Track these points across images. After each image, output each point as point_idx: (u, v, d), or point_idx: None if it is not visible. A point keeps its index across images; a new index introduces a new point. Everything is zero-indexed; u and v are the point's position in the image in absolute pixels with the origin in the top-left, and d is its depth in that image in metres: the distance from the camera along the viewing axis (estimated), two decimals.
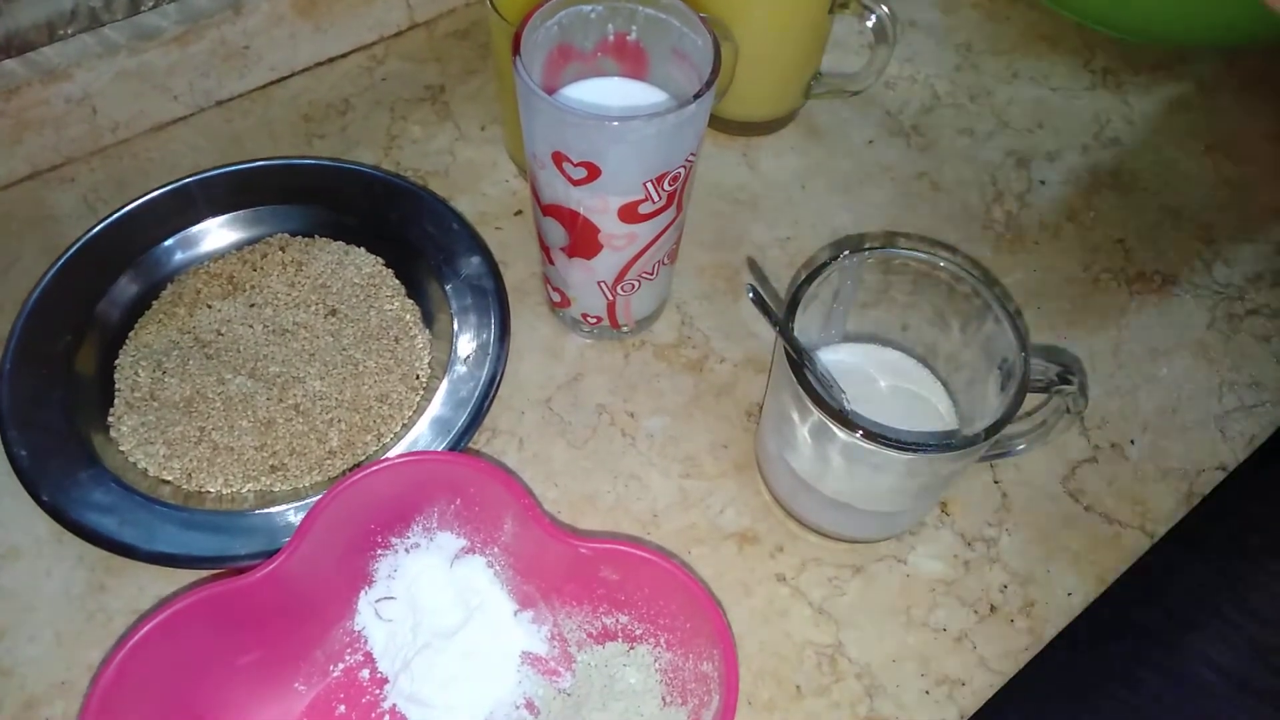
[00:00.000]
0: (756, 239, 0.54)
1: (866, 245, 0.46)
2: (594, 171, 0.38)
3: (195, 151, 0.57)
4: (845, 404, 0.39)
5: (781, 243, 0.54)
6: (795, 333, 0.37)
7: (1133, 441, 0.47)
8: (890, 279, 0.41)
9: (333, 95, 0.60)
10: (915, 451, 0.35)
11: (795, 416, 0.38)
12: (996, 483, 0.46)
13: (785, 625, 0.42)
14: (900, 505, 0.40)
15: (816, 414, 0.35)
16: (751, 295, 0.37)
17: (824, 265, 0.39)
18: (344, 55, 0.62)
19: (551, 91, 0.42)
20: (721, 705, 0.34)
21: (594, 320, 0.48)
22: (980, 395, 0.40)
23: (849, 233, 0.55)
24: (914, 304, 0.41)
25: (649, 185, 0.39)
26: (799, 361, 0.36)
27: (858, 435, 0.35)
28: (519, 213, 0.54)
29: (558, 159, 0.38)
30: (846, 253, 0.39)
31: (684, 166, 0.39)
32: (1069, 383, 0.37)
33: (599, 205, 0.40)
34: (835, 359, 0.43)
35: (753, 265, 0.53)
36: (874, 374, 0.43)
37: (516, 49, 0.37)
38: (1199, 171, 0.59)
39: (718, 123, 0.58)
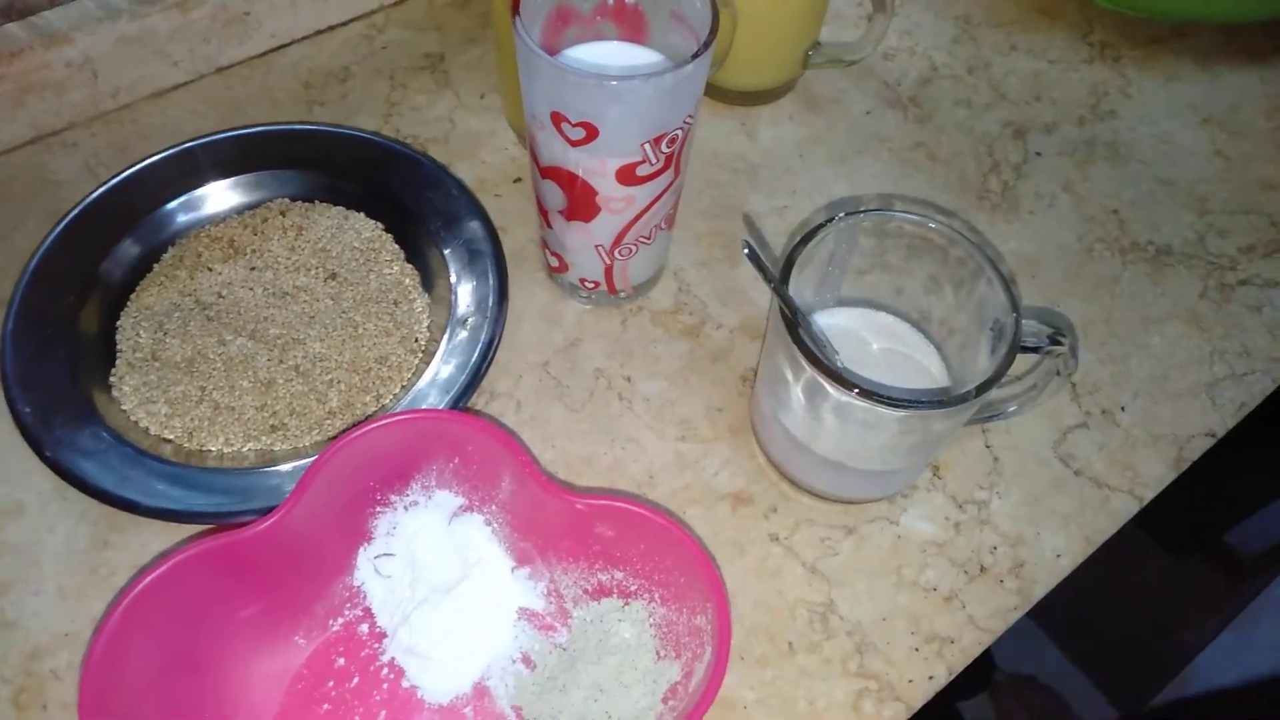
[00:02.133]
0: (754, 208, 0.54)
1: (862, 208, 0.47)
2: (592, 132, 0.38)
3: (196, 118, 0.57)
4: (839, 364, 0.39)
5: (779, 211, 0.54)
6: (790, 294, 0.37)
7: (1123, 408, 0.48)
8: (885, 243, 0.41)
9: (333, 63, 0.60)
10: (908, 408, 0.35)
11: (789, 376, 0.38)
12: (988, 447, 0.46)
13: (778, 584, 0.42)
14: (892, 465, 0.41)
15: (810, 371, 0.36)
16: (747, 252, 0.38)
17: (820, 226, 0.39)
18: (344, 23, 0.62)
19: (551, 55, 0.42)
20: (714, 658, 0.35)
21: (592, 285, 0.48)
22: (972, 359, 0.40)
23: None
24: (908, 268, 0.42)
25: (647, 146, 0.39)
26: (794, 320, 0.36)
27: (853, 393, 0.35)
28: (518, 180, 0.55)
29: (556, 119, 0.38)
30: (842, 214, 0.39)
31: (681, 129, 0.39)
32: (1060, 344, 0.38)
33: (597, 167, 0.40)
34: (830, 322, 0.43)
35: (750, 223, 0.53)
36: (868, 337, 0.43)
37: (516, 9, 0.37)
38: (1194, 144, 0.59)
39: (716, 92, 0.58)
